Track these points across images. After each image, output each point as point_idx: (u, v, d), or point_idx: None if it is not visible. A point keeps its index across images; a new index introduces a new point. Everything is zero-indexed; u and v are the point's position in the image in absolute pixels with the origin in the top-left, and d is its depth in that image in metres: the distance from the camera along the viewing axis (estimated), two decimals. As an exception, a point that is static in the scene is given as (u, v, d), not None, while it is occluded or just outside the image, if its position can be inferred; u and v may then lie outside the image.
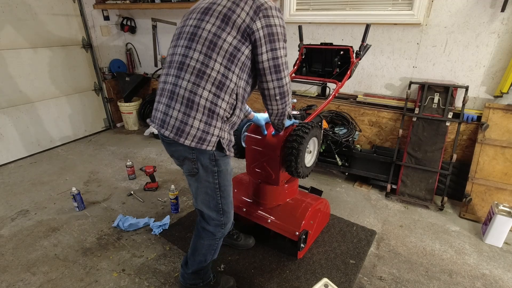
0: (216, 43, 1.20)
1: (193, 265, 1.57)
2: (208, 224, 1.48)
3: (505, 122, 2.26)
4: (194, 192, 1.45)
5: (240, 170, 3.08)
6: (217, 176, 1.37)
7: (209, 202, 1.42)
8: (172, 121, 1.24)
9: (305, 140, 1.64)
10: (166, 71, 1.31)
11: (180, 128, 1.23)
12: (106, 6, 3.85)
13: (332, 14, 2.84)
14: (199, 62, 1.21)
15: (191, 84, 1.21)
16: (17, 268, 1.87)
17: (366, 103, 2.81)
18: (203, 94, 1.22)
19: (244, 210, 2.02)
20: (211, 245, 1.53)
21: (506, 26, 2.20)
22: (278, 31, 1.23)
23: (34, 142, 3.46)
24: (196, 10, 1.29)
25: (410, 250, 2.02)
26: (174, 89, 1.25)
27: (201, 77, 1.21)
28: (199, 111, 1.22)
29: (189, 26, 1.26)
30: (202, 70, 1.21)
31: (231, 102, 1.27)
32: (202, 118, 1.23)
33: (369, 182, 2.82)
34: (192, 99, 1.22)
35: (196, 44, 1.22)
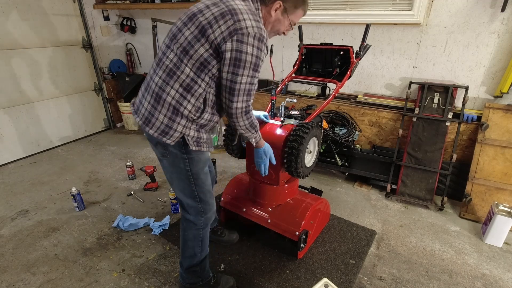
0: (188, 51, 1.24)
1: (185, 261, 1.59)
2: (188, 213, 1.51)
3: (505, 122, 2.26)
4: (169, 178, 1.49)
5: (240, 170, 3.07)
6: (188, 163, 1.40)
7: (184, 189, 1.46)
8: (143, 110, 1.34)
9: (305, 140, 1.64)
10: (152, 66, 1.38)
11: (148, 118, 1.32)
12: (106, 6, 3.85)
13: (332, 14, 2.84)
14: (172, 63, 1.26)
15: (161, 81, 1.28)
16: (17, 268, 1.87)
17: (366, 103, 2.81)
18: (170, 92, 1.27)
19: (244, 210, 2.03)
20: (195, 236, 1.54)
21: (506, 26, 2.20)
22: (246, 59, 1.20)
23: (34, 142, 3.46)
24: (187, 12, 1.30)
25: (410, 250, 2.02)
26: (149, 83, 1.33)
27: (171, 77, 1.26)
28: (164, 106, 1.28)
29: (175, 27, 1.30)
30: (173, 70, 1.26)
31: (197, 105, 1.30)
32: (167, 113, 1.29)
33: (369, 182, 2.82)
34: (160, 95, 1.28)
35: (174, 46, 1.27)
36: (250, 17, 1.20)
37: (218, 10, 1.21)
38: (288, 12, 1.33)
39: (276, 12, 1.32)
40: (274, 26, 1.38)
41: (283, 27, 1.40)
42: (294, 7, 1.33)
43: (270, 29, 1.38)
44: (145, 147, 3.65)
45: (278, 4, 1.30)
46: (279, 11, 1.33)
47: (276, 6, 1.30)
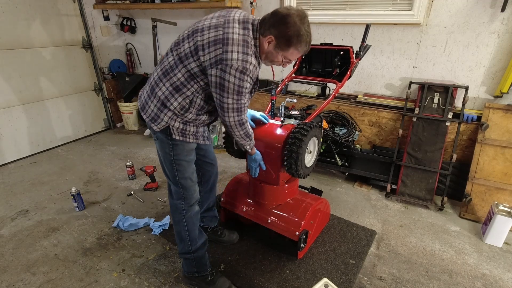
0: (183, 61, 1.35)
1: (179, 245, 1.70)
2: (172, 197, 1.64)
3: (505, 122, 2.26)
4: (160, 161, 1.62)
5: (240, 170, 3.07)
6: (172, 149, 1.50)
7: (169, 173, 1.58)
8: (142, 98, 1.51)
9: (304, 142, 1.63)
10: (158, 63, 1.52)
11: (144, 106, 1.49)
12: (106, 6, 3.85)
13: (332, 14, 2.84)
14: (169, 65, 1.39)
15: (157, 77, 1.43)
16: (17, 268, 1.87)
17: (366, 103, 2.81)
18: (162, 88, 1.41)
19: (244, 210, 2.02)
20: (180, 221, 1.64)
21: (506, 26, 2.20)
22: (229, 86, 1.30)
23: (34, 142, 3.46)
24: (193, 26, 1.39)
25: (410, 250, 2.02)
26: (151, 76, 1.50)
27: (165, 76, 1.40)
28: (155, 98, 1.43)
29: (183, 35, 1.40)
30: (168, 71, 1.39)
31: (183, 104, 1.41)
32: (157, 104, 1.43)
33: (369, 182, 2.82)
34: (154, 88, 1.44)
35: (174, 52, 1.39)
36: (239, 49, 1.28)
37: (214, 35, 1.29)
38: (280, 48, 1.36)
39: (268, 45, 1.36)
40: (267, 57, 1.42)
41: (276, 60, 1.43)
42: (286, 45, 1.35)
43: (265, 58, 1.43)
44: (145, 147, 3.65)
45: (270, 38, 1.34)
46: (271, 45, 1.36)
47: (268, 40, 1.35)
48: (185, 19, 3.72)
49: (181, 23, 3.76)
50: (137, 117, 4.20)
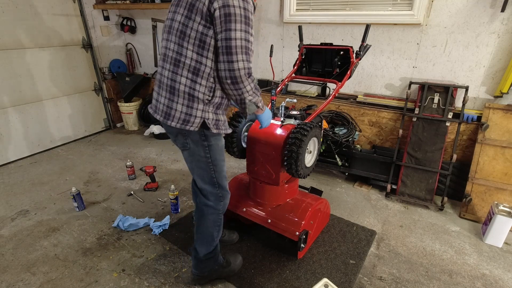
0: (185, 32, 1.29)
1: (202, 249, 1.64)
2: (208, 199, 1.57)
3: (505, 122, 2.26)
4: (189, 167, 1.56)
5: (240, 170, 3.08)
6: (208, 150, 1.47)
7: (204, 176, 1.53)
8: (161, 106, 1.41)
9: (304, 142, 1.63)
10: (159, 64, 1.46)
11: (167, 112, 1.39)
12: (106, 6, 3.85)
13: (332, 14, 2.84)
14: (175, 52, 1.33)
15: (170, 72, 1.35)
16: (17, 268, 1.87)
17: (366, 103, 2.81)
18: (181, 80, 1.34)
19: (244, 210, 2.02)
20: (215, 220, 1.61)
21: (506, 26, 2.20)
22: (235, 12, 1.22)
23: (34, 142, 3.46)
24: (173, 3, 1.38)
25: (410, 250, 2.02)
26: (160, 79, 1.41)
27: (177, 65, 1.33)
28: (180, 96, 1.35)
29: (168, 19, 1.38)
30: (177, 59, 1.33)
31: (209, 85, 1.35)
32: (184, 102, 1.35)
33: (369, 182, 2.82)
34: (173, 86, 1.35)
35: (172, 35, 1.34)
36: None
37: None
38: None
39: None
40: None
41: None
42: None
43: None
44: (145, 147, 3.65)
45: None
46: None
47: None
48: (185, 19, 3.72)
49: (181, 23, 3.76)
50: (137, 117, 4.20)
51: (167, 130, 1.50)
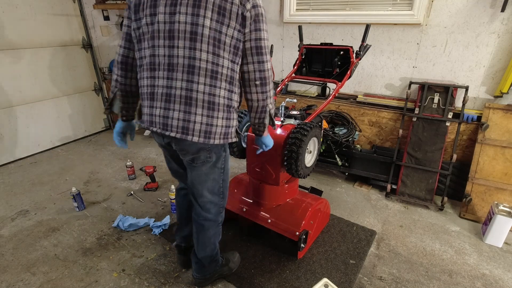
0: (220, 40, 1.19)
1: (206, 257, 1.63)
2: (209, 213, 1.53)
3: (505, 122, 2.26)
4: (198, 181, 1.45)
5: (240, 170, 3.08)
6: (224, 161, 1.46)
7: (214, 187, 1.48)
8: (197, 126, 1.25)
9: (304, 142, 1.63)
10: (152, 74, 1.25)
11: (206, 130, 1.26)
12: (106, 6, 3.85)
13: (332, 14, 2.84)
14: (209, 63, 1.20)
15: (207, 86, 1.22)
16: (17, 268, 1.87)
17: (366, 103, 2.81)
18: (221, 93, 1.25)
19: (244, 210, 2.02)
20: (216, 232, 1.61)
21: (506, 26, 2.20)
22: (262, 12, 1.23)
23: (34, 142, 3.45)
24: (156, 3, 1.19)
25: (410, 250, 2.02)
26: (188, 94, 1.22)
27: (215, 78, 1.23)
28: (220, 110, 1.27)
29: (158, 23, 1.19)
30: (214, 70, 1.22)
31: (239, 92, 1.33)
32: (223, 115, 1.28)
33: (369, 182, 2.82)
34: (189, 98, 1.23)
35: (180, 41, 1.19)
36: None
37: None
38: None
39: None
40: None
41: None
42: None
43: None
44: (145, 147, 3.65)
45: None
46: None
47: None
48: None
49: (181, 23, 3.76)
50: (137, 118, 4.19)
51: (183, 148, 1.33)
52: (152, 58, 1.24)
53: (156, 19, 1.19)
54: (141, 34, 1.25)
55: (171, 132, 1.26)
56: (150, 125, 1.31)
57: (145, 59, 1.26)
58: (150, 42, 1.23)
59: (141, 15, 1.22)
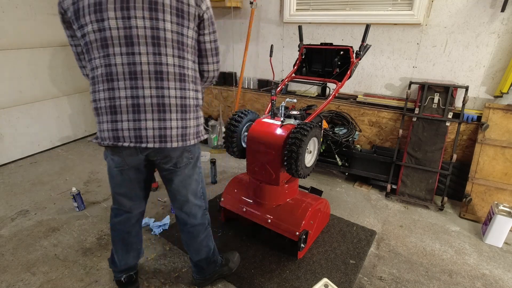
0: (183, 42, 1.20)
1: (203, 259, 1.62)
2: (195, 218, 1.52)
3: (505, 122, 2.26)
4: (184, 185, 1.42)
5: (240, 170, 3.08)
6: (199, 160, 1.45)
7: (197, 189, 1.48)
8: (174, 131, 1.22)
9: (304, 142, 1.63)
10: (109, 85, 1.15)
11: (183, 133, 1.25)
12: (106, 6, 3.85)
13: (332, 14, 2.84)
14: (176, 66, 1.19)
15: (178, 90, 1.21)
16: (17, 268, 1.87)
17: (366, 103, 2.81)
18: (189, 94, 1.25)
19: (244, 210, 2.02)
20: (207, 235, 1.60)
21: (506, 26, 2.20)
22: (213, 14, 1.27)
23: (34, 142, 3.45)
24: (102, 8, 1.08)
25: (410, 250, 2.02)
26: (160, 101, 1.18)
27: (184, 81, 1.23)
28: (191, 111, 1.27)
29: (112, 29, 1.10)
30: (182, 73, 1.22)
31: (201, 90, 1.35)
32: (194, 116, 1.29)
33: (369, 182, 2.82)
34: (184, 104, 1.24)
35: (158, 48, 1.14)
36: None
37: None
38: None
39: None
40: None
41: None
42: None
43: None
44: (145, 147, 3.64)
45: None
46: None
47: None
48: (185, 19, 3.72)
49: (181, 23, 3.76)
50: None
51: (166, 155, 1.30)
52: (107, 68, 1.13)
53: (105, 25, 1.09)
54: (87, 43, 1.13)
55: (148, 144, 1.20)
56: (116, 141, 1.20)
57: (98, 70, 1.15)
58: (101, 51, 1.12)
59: (83, 22, 1.11)
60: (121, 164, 1.33)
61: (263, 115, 1.98)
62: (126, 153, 1.28)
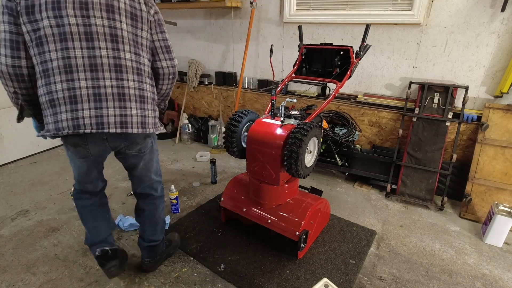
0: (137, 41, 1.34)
1: (160, 234, 1.78)
2: (156, 192, 1.73)
3: (505, 122, 2.26)
4: (148, 167, 1.62)
5: (240, 170, 3.08)
6: (156, 142, 1.64)
7: (157, 169, 1.69)
8: (134, 118, 1.35)
9: (304, 142, 1.63)
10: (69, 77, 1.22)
11: (142, 122, 1.38)
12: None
13: (332, 14, 2.84)
14: (134, 61, 1.33)
15: (136, 82, 1.35)
16: (17, 268, 1.87)
17: (366, 103, 2.81)
18: (145, 87, 1.39)
19: (244, 210, 2.03)
20: (163, 206, 1.80)
21: (506, 26, 2.20)
22: (162, 17, 1.45)
23: (34, 142, 3.45)
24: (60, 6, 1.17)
25: (410, 250, 2.03)
26: (120, 91, 1.29)
27: (141, 75, 1.37)
28: (148, 103, 1.41)
29: (71, 25, 1.19)
30: (139, 68, 1.36)
31: (149, 77, 1.46)
32: (151, 107, 1.43)
33: (369, 182, 2.82)
34: (142, 95, 1.38)
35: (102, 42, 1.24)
36: None
37: None
38: None
39: None
40: None
41: None
42: None
43: None
44: (145, 147, 3.64)
45: None
46: None
47: None
48: (185, 19, 3.72)
49: (181, 23, 3.77)
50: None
51: (128, 142, 1.43)
52: (66, 61, 1.20)
53: (64, 21, 1.18)
54: (42, 37, 1.19)
55: (110, 129, 1.28)
56: (76, 129, 1.24)
57: (53, 63, 1.21)
58: (59, 45, 1.19)
59: (38, 17, 1.17)
60: (85, 154, 1.41)
61: (263, 115, 1.98)
62: (91, 143, 1.36)
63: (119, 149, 1.47)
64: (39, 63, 1.23)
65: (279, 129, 1.78)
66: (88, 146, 1.37)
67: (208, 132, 3.70)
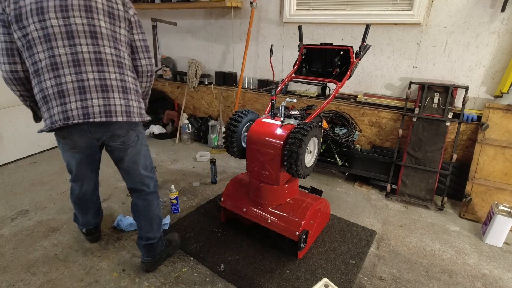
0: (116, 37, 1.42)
1: (157, 232, 1.77)
2: (149, 187, 1.73)
3: (505, 122, 2.26)
4: (135, 160, 1.63)
5: (240, 170, 3.08)
6: (144, 137, 1.66)
7: (146, 164, 1.69)
8: (118, 107, 1.41)
9: (304, 142, 1.63)
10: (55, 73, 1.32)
11: (127, 110, 1.44)
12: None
13: (332, 14, 2.84)
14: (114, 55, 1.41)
15: (118, 74, 1.42)
16: (17, 268, 1.87)
17: (366, 103, 2.81)
18: (127, 79, 1.46)
19: (244, 210, 2.03)
20: (158, 203, 1.80)
21: (506, 26, 2.20)
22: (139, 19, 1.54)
23: (34, 142, 3.45)
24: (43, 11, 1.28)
25: (410, 250, 2.03)
26: (103, 82, 1.38)
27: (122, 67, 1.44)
28: (132, 93, 1.47)
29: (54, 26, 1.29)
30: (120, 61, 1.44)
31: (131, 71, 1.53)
32: (135, 98, 1.49)
33: (369, 182, 2.82)
34: (124, 86, 1.44)
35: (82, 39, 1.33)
36: None
37: None
38: None
39: None
40: None
41: None
42: None
43: None
44: (145, 147, 3.64)
45: None
46: None
47: None
48: (185, 19, 3.72)
49: (181, 23, 3.77)
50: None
51: (113, 133, 1.47)
52: (52, 59, 1.31)
53: (47, 23, 1.28)
54: (30, 40, 1.30)
55: (95, 118, 1.36)
56: (66, 120, 1.34)
57: (42, 62, 1.32)
58: (45, 45, 1.30)
59: (26, 23, 1.29)
60: (72, 146, 1.51)
61: (263, 115, 1.98)
62: (76, 134, 1.43)
63: (103, 141, 1.52)
64: (31, 65, 1.34)
65: (279, 129, 1.78)
66: (73, 137, 1.44)
67: (208, 132, 3.70)
